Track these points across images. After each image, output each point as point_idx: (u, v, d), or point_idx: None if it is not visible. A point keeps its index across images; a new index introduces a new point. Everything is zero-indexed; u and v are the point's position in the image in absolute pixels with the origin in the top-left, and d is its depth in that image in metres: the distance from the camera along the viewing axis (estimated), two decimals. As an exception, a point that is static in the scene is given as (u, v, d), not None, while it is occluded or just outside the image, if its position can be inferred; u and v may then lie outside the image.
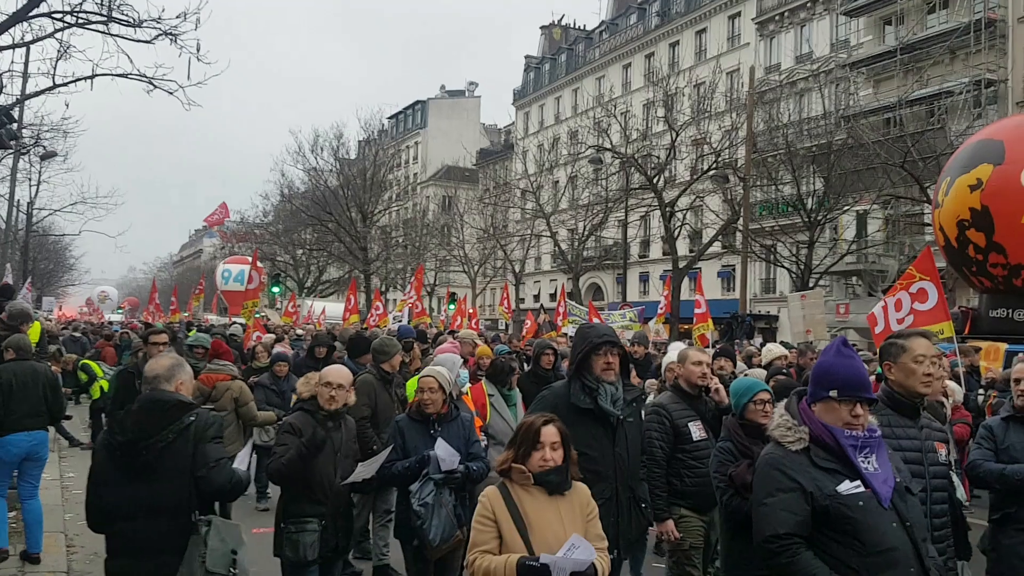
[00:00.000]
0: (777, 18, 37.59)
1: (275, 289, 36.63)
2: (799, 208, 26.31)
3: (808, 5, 36.09)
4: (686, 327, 25.26)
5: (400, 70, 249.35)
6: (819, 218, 26.02)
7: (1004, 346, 7.13)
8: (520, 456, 3.40)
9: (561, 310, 19.37)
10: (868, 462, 3.01)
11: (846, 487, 2.94)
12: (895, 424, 3.66)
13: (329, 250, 45.10)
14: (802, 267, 25.91)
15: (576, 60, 53.98)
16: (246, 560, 3.74)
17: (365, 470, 4.68)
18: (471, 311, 23.39)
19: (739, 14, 40.09)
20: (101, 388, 12.14)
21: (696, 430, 5.05)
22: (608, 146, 32.36)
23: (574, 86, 52.40)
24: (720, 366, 6.79)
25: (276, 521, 4.90)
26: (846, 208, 26.96)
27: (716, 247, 32.02)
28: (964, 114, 25.88)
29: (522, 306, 41.24)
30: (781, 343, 11.96)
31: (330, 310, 30.84)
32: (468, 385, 6.66)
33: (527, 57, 61.40)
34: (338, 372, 4.85)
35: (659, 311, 19.48)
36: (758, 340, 20.52)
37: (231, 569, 3.59)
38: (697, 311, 14.32)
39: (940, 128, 25.19)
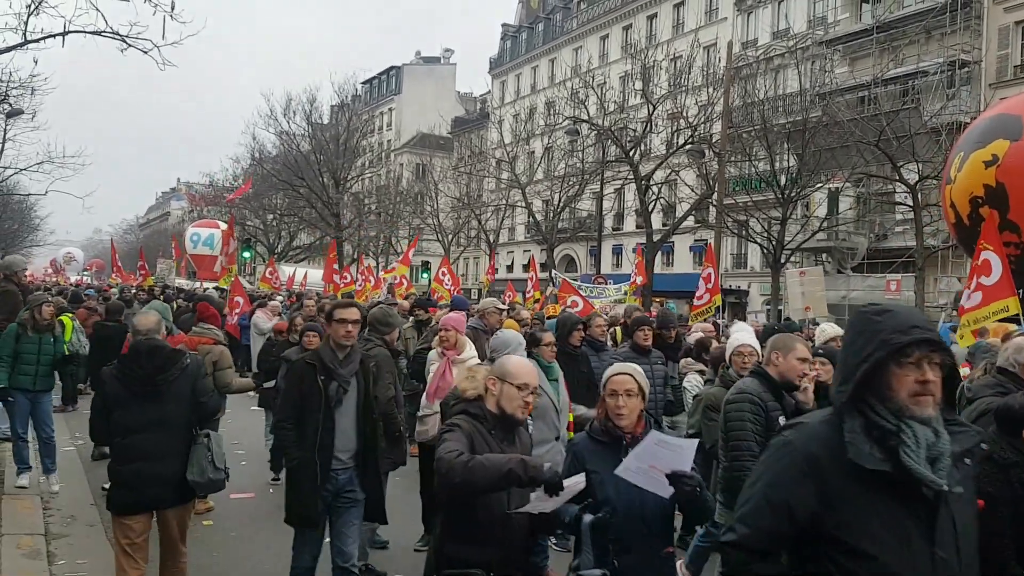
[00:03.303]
0: (756, -7, 37.55)
1: (245, 254, 36.18)
2: (773, 184, 26.51)
3: (787, -19, 36.08)
4: (659, 300, 25.49)
5: (375, 36, 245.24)
6: (792, 195, 26.25)
7: (1012, 327, 7.08)
8: None
9: (531, 281, 19.18)
10: None
11: None
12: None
13: (300, 216, 44.64)
14: (774, 243, 26.17)
15: (553, 29, 53.50)
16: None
17: (542, 502, 3.16)
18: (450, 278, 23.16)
19: (718, -13, 39.98)
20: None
21: None
22: (585, 118, 32.23)
23: (551, 56, 52.02)
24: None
25: (428, 567, 3.65)
26: (819, 186, 27.20)
27: (690, 221, 32.19)
28: (938, 94, 26.16)
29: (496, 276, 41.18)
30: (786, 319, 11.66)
31: (311, 276, 30.56)
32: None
33: (504, 25, 60.75)
34: (530, 370, 3.52)
35: (631, 282, 18.81)
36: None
37: (227, 466, 4.92)
38: (707, 285, 12.94)
39: (914, 108, 25.44)
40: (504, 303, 12.09)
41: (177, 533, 4.86)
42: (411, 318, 10.30)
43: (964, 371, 6.99)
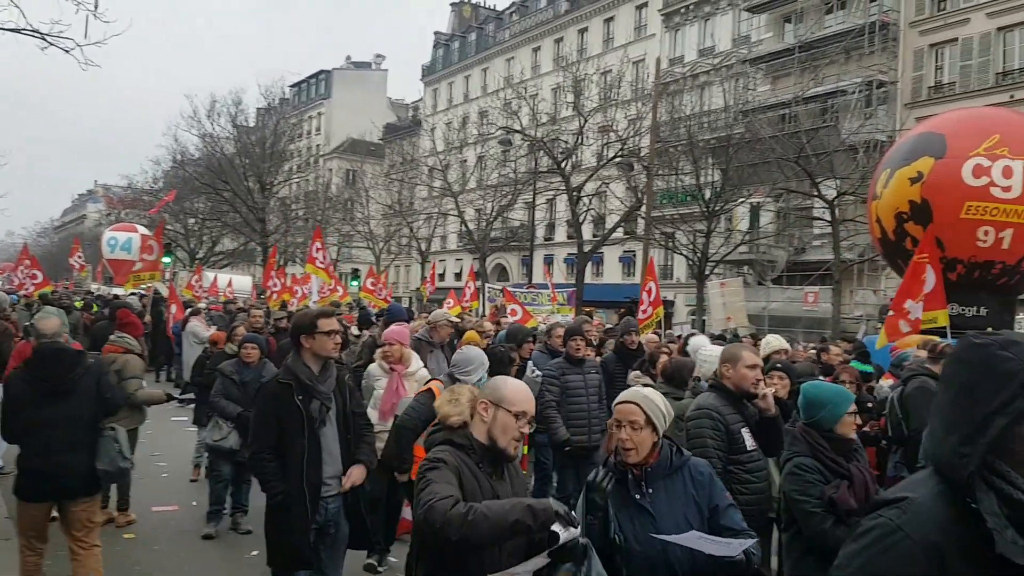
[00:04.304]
0: (683, 11, 38.47)
1: (166, 259, 35.03)
2: (698, 198, 27.17)
3: (712, 0, 37.09)
4: (588, 310, 25.78)
5: (305, 39, 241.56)
6: (716, 208, 26.96)
7: (936, 339, 7.33)
8: None
9: (468, 291, 19.19)
10: None
11: None
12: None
13: (224, 220, 43.51)
14: (699, 255, 26.80)
15: (486, 40, 53.72)
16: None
17: (522, 569, 2.72)
18: (381, 286, 22.94)
19: (646, 4, 40.79)
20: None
21: (748, 438, 4.32)
22: (517, 128, 32.45)
23: (484, 66, 52.19)
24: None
25: None
26: (741, 200, 28.00)
27: (619, 233, 32.69)
28: (856, 113, 27.29)
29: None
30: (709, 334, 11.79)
31: (237, 283, 29.78)
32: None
33: (437, 33, 60.68)
34: (529, 396, 3.00)
35: (554, 294, 18.03)
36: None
37: (132, 455, 5.39)
38: (650, 298, 13.01)
39: (833, 126, 26.47)
40: (465, 312, 11.79)
41: (87, 526, 5.08)
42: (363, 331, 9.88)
43: (887, 383, 7.31)
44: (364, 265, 39.76)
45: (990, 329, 10.40)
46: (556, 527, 2.55)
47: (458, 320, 10.25)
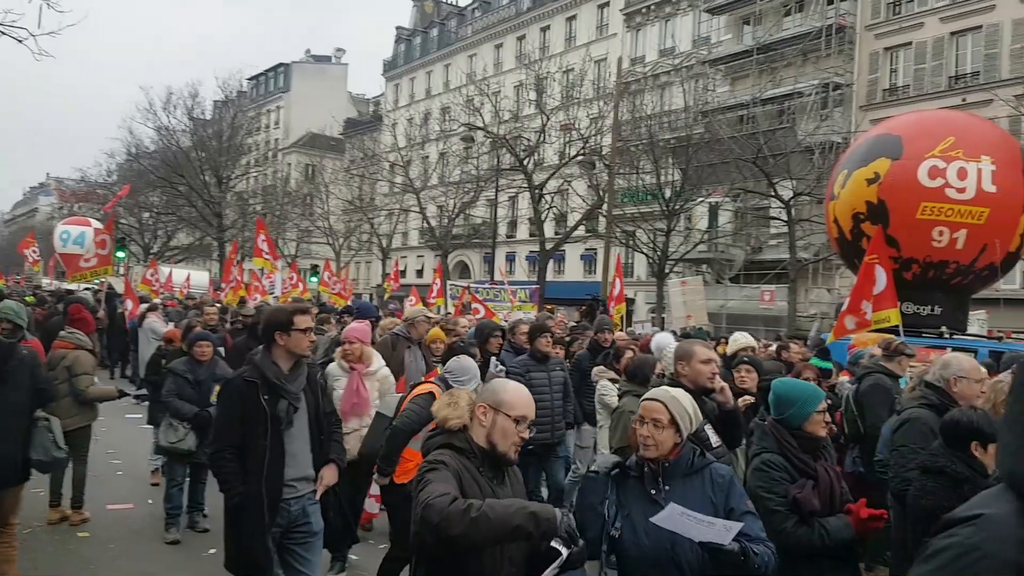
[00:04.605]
0: (644, 11, 38.74)
1: (120, 254, 34.25)
2: (658, 197, 27.42)
3: (673, 0, 37.42)
4: (550, 307, 25.85)
5: (265, 34, 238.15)
6: (676, 207, 27.23)
7: (891, 337, 7.44)
8: None
9: (435, 288, 19.02)
10: None
11: None
12: None
13: (179, 215, 42.73)
14: (659, 253, 27.05)
15: (448, 36, 53.51)
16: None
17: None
18: (336, 281, 22.73)
19: (608, 4, 40.97)
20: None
21: (712, 435, 4.31)
22: (480, 125, 32.39)
23: (446, 62, 51.98)
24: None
25: None
26: (700, 199, 28.31)
27: (580, 231, 32.85)
28: (812, 115, 27.77)
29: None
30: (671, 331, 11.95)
31: (195, 279, 29.29)
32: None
33: (398, 28, 60.27)
34: (529, 401, 2.94)
35: (511, 292, 17.98)
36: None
37: (65, 445, 5.40)
38: (613, 292, 13.87)
39: (790, 127, 26.91)
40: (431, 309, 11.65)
41: (12, 511, 5.24)
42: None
43: (844, 379, 7.44)
44: (323, 261, 39.32)
45: (944, 328, 10.70)
46: (557, 543, 2.46)
47: (435, 316, 10.17)
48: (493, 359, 7.46)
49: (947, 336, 10.54)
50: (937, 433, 3.96)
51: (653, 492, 2.97)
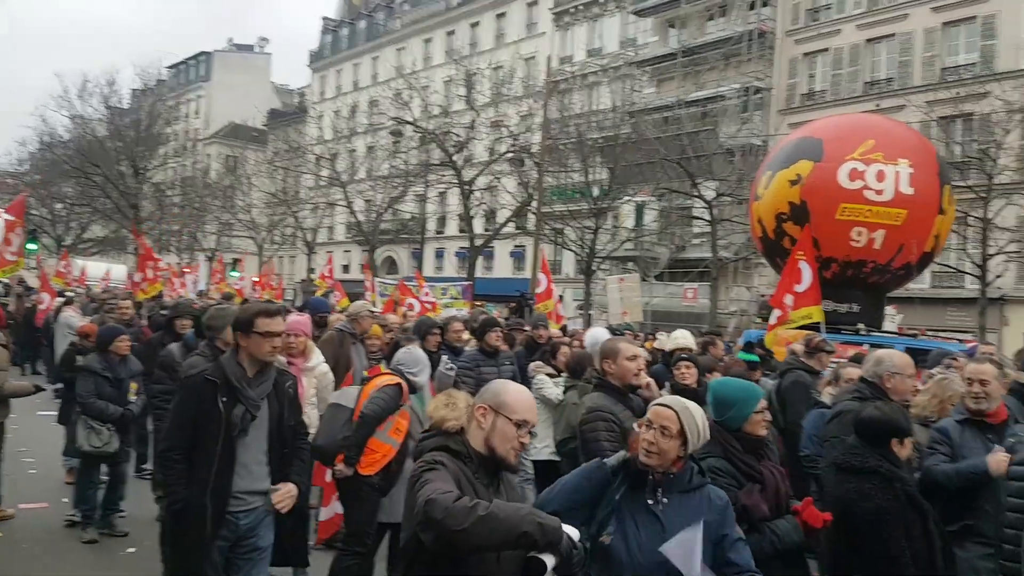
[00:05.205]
0: (572, 11, 39.11)
1: (32, 246, 32.68)
2: (586, 195, 27.73)
3: (601, 1, 37.87)
4: (480, 304, 25.86)
5: (185, 21, 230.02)
6: (603, 206, 27.59)
7: (812, 333, 7.62)
8: None
9: (367, 284, 18.76)
10: None
11: None
12: None
13: (94, 206, 41.01)
14: (587, 251, 27.37)
15: (376, 28, 52.87)
16: None
17: None
18: (258, 279, 22.25)
19: (536, 2, 41.22)
20: None
21: None
22: (409, 119, 32.11)
23: (374, 54, 51.37)
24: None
25: None
26: (627, 198, 28.76)
27: (510, 228, 32.95)
28: (734, 118, 28.55)
29: (312, 276, 40.03)
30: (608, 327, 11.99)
31: (115, 273, 28.18)
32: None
33: (325, 19, 59.27)
34: (532, 404, 2.80)
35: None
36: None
37: None
38: (538, 290, 13.71)
39: (712, 129, 27.60)
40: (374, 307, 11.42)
41: None
42: None
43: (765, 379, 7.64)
44: (245, 255, 38.38)
45: (860, 325, 11.13)
46: (546, 556, 2.38)
47: (377, 311, 10.02)
48: (443, 356, 7.37)
49: (864, 333, 10.94)
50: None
51: (651, 503, 2.88)
